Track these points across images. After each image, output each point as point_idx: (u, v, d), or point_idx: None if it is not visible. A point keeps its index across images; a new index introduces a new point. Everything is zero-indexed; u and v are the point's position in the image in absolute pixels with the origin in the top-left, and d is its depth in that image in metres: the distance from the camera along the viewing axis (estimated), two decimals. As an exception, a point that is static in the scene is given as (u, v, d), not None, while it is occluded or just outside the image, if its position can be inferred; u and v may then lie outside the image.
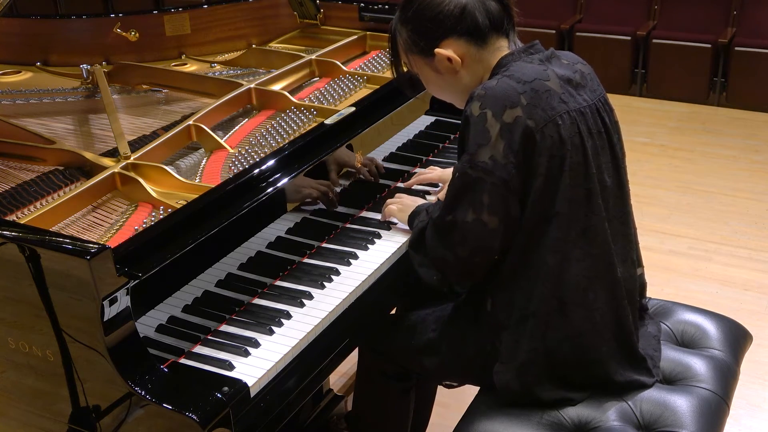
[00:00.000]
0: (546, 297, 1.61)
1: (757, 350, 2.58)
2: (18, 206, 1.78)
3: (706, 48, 5.34)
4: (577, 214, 1.59)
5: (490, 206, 1.56)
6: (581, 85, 1.65)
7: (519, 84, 1.57)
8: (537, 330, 1.62)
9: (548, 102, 1.57)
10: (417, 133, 2.33)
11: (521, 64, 1.62)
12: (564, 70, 1.65)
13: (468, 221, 1.58)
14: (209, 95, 2.32)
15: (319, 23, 2.79)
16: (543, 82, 1.59)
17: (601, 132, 1.65)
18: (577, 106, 1.61)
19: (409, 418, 2.05)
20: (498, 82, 1.58)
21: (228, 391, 1.42)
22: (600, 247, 1.62)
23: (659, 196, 4.19)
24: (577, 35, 5.70)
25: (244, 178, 1.73)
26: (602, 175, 1.63)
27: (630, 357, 1.68)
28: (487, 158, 1.55)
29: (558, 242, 1.59)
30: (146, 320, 1.51)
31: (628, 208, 1.72)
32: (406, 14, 1.70)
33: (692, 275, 3.50)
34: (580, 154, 1.59)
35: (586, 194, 1.60)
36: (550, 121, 1.56)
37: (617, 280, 1.65)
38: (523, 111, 1.54)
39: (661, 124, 5.18)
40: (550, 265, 1.59)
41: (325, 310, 1.69)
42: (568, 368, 1.65)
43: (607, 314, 1.64)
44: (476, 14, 1.64)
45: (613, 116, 1.71)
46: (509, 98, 1.55)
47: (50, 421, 1.57)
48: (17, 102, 2.31)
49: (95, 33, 2.56)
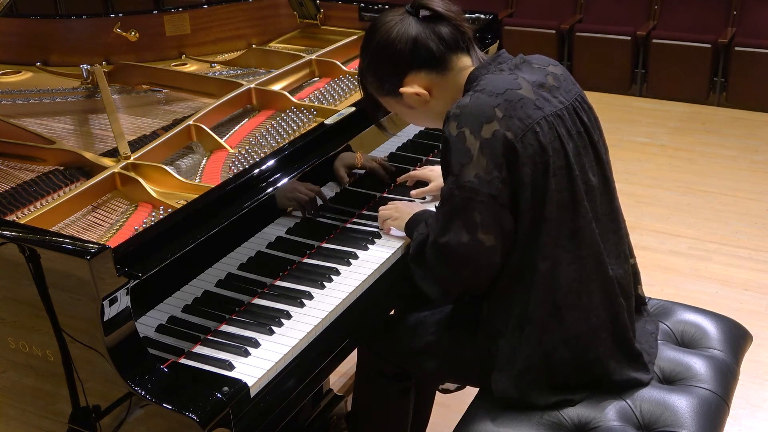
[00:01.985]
0: (540, 303, 1.60)
1: (757, 350, 2.58)
2: (18, 206, 1.78)
3: (706, 48, 5.34)
4: (564, 218, 1.59)
5: (483, 224, 1.55)
6: (555, 87, 1.65)
7: (491, 97, 1.56)
8: (533, 336, 1.62)
9: (524, 110, 1.56)
10: (417, 133, 2.33)
11: (491, 77, 1.62)
12: (535, 75, 1.64)
13: (464, 242, 1.57)
14: (209, 95, 2.32)
15: (319, 23, 2.79)
16: (515, 91, 1.58)
17: (581, 132, 1.64)
18: (553, 110, 1.60)
19: (408, 418, 2.05)
20: (471, 99, 1.57)
21: (228, 391, 1.42)
22: (589, 248, 1.62)
23: (659, 196, 4.19)
24: (577, 35, 5.69)
25: (244, 178, 1.72)
26: (586, 175, 1.63)
27: (627, 354, 1.68)
28: (472, 176, 1.54)
29: (548, 247, 1.59)
30: (146, 320, 1.51)
31: (615, 204, 1.72)
32: (364, 62, 1.74)
33: (692, 275, 3.50)
34: (562, 158, 1.58)
35: (572, 197, 1.60)
36: (528, 129, 1.55)
37: (610, 279, 1.65)
38: (499, 124, 1.54)
39: (661, 124, 5.18)
40: (541, 270, 1.59)
41: (325, 310, 1.69)
42: (566, 371, 1.65)
43: (603, 314, 1.64)
44: (429, 43, 1.64)
45: (592, 114, 1.71)
46: (484, 113, 1.54)
47: (50, 421, 1.58)
48: (17, 102, 2.31)
49: (95, 33, 2.56)
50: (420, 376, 1.95)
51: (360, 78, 1.79)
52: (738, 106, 5.40)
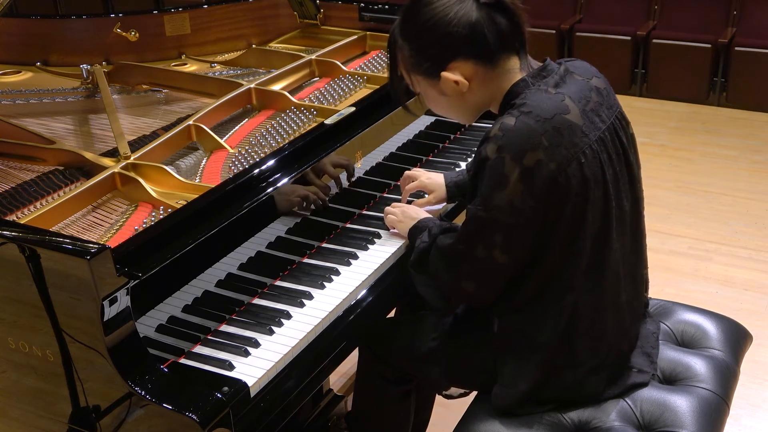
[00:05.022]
0: (558, 331, 1.58)
1: (757, 350, 2.57)
2: (18, 206, 1.78)
3: (706, 48, 5.33)
4: (594, 248, 1.55)
5: (503, 246, 1.51)
6: (599, 104, 1.57)
7: (539, 123, 1.46)
8: (544, 362, 1.60)
9: (570, 139, 1.48)
10: (417, 133, 2.32)
11: (537, 96, 1.51)
12: (580, 91, 1.55)
13: (478, 257, 1.54)
14: (209, 95, 2.32)
15: (319, 23, 2.79)
16: (563, 117, 1.49)
17: (620, 153, 1.60)
18: (597, 135, 1.53)
19: (409, 421, 2.04)
20: (516, 122, 1.46)
21: (228, 391, 1.42)
22: (611, 277, 1.59)
23: (659, 196, 4.19)
24: (577, 35, 5.69)
25: (244, 178, 1.72)
26: (621, 201, 1.58)
27: (623, 373, 1.68)
28: (504, 202, 1.47)
29: (576, 278, 1.55)
30: (146, 320, 1.51)
31: (641, 223, 1.68)
32: (408, 30, 1.58)
33: (692, 275, 3.50)
34: (600, 189, 1.53)
35: (604, 228, 1.55)
36: (574, 159, 1.48)
37: (622, 306, 1.64)
38: (545, 153, 1.45)
39: (661, 124, 5.18)
40: (567, 301, 1.56)
41: (325, 310, 1.69)
42: (567, 392, 1.64)
43: (611, 342, 1.63)
44: (486, 33, 1.52)
45: (629, 130, 1.65)
46: (530, 141, 1.44)
47: (50, 421, 1.58)
48: (17, 102, 2.31)
49: (95, 33, 2.56)
50: (421, 381, 1.95)
51: (392, 40, 1.62)
52: (738, 106, 5.40)
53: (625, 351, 1.68)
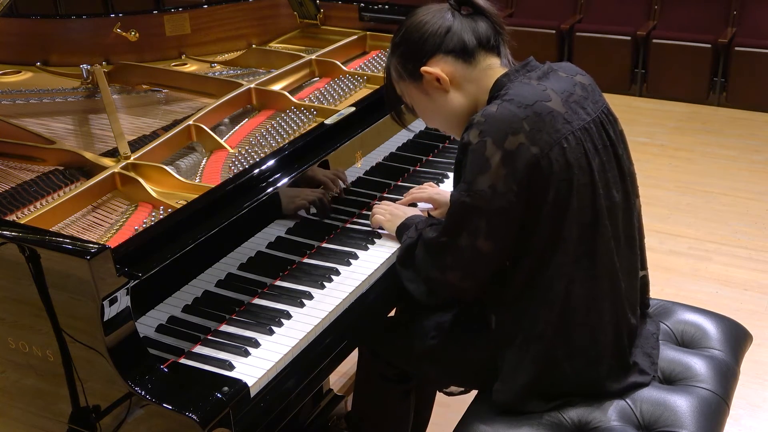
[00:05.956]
0: (551, 321, 1.59)
1: (757, 350, 2.58)
2: (18, 206, 1.78)
3: (706, 48, 5.34)
4: (583, 237, 1.56)
5: (488, 233, 1.53)
6: (583, 98, 1.60)
7: (520, 108, 1.51)
8: (540, 353, 1.61)
9: (552, 125, 1.51)
10: (417, 133, 2.32)
11: (519, 86, 1.56)
12: (563, 85, 1.60)
13: (461, 246, 1.56)
14: (209, 95, 2.32)
15: (319, 23, 2.79)
16: (544, 103, 1.53)
17: (607, 146, 1.61)
18: (581, 124, 1.56)
19: (409, 420, 2.05)
20: (498, 108, 1.52)
21: (228, 391, 1.42)
22: (605, 267, 1.60)
23: (659, 196, 4.19)
24: (577, 35, 5.69)
25: (244, 178, 1.73)
26: (610, 191, 1.60)
27: (625, 368, 1.68)
28: (486, 186, 1.50)
29: (564, 267, 1.56)
30: (146, 320, 1.51)
31: (635, 219, 1.69)
32: (394, 41, 1.69)
33: (692, 275, 3.50)
34: (586, 176, 1.55)
35: (594, 216, 1.56)
36: (556, 144, 1.51)
37: (620, 297, 1.64)
38: (526, 137, 1.49)
39: (661, 124, 5.18)
40: (557, 289, 1.57)
41: (325, 310, 1.69)
42: (567, 384, 1.65)
43: (609, 332, 1.63)
44: (462, 34, 1.61)
45: (617, 126, 1.67)
46: (511, 125, 1.49)
47: (50, 421, 1.57)
48: (17, 102, 2.31)
49: (95, 33, 2.56)
50: (422, 380, 1.95)
51: (387, 65, 1.74)
52: (738, 106, 5.40)
53: (626, 345, 1.67)
